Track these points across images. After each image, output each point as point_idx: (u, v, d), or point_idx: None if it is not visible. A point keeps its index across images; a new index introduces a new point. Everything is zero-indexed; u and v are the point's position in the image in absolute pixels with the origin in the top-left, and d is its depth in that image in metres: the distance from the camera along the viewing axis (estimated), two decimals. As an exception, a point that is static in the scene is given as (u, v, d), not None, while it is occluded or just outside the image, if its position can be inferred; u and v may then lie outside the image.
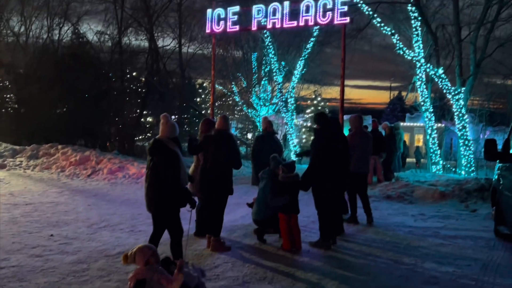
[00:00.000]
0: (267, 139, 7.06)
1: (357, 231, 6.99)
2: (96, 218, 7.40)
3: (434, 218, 8.24)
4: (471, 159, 14.20)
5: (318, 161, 5.92)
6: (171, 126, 4.83)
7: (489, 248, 6.23)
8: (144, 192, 4.74)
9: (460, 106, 14.13)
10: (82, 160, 13.89)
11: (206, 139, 5.83)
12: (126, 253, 3.68)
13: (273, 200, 5.83)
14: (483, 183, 10.26)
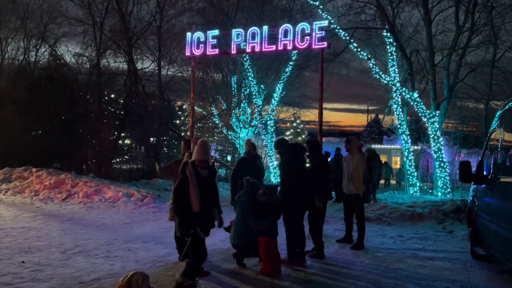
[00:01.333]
0: (250, 162, 7.02)
1: (337, 254, 6.97)
2: (70, 243, 7.17)
3: (412, 239, 8.30)
4: (447, 181, 14.46)
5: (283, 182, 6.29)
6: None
7: (466, 269, 6.28)
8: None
9: (435, 129, 14.45)
10: (57, 183, 13.56)
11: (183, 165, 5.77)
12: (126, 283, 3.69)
13: (257, 223, 5.77)
14: (459, 205, 10.44)
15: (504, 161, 5.73)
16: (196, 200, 4.64)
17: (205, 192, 4.72)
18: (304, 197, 6.25)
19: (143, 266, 5.95)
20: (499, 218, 5.45)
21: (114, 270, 5.71)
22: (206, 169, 4.81)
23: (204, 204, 4.68)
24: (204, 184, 4.73)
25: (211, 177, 4.90)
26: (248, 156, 7.11)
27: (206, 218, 4.75)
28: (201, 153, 4.79)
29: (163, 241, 7.60)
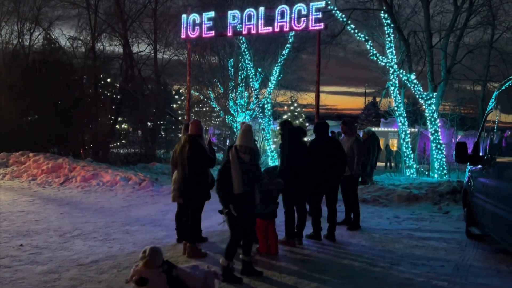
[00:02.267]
0: None
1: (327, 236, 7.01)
2: (68, 226, 7.21)
3: (408, 220, 8.37)
4: (443, 163, 14.52)
5: (282, 164, 6.29)
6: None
7: (461, 248, 6.36)
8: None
9: (432, 110, 14.45)
10: (54, 168, 13.55)
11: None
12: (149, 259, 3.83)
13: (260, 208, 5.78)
14: (455, 186, 10.50)
15: (500, 142, 5.74)
16: (237, 182, 4.82)
17: (246, 176, 4.87)
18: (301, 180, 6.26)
19: (142, 248, 5.89)
20: (494, 198, 5.50)
21: (112, 252, 5.76)
22: (248, 154, 4.96)
23: (245, 186, 4.84)
24: (246, 168, 4.90)
25: (253, 161, 5.09)
26: None
27: (246, 200, 4.90)
28: (243, 138, 4.94)
29: (161, 223, 7.64)
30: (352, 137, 7.59)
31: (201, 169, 5.65)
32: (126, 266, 5.14)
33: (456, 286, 4.75)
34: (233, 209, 4.79)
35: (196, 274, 4.05)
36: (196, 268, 4.16)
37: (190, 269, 4.14)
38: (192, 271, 4.11)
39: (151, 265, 3.82)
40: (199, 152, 5.56)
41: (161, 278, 3.78)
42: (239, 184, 4.81)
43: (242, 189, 4.82)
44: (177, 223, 6.30)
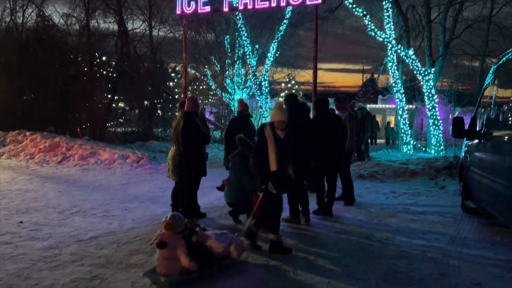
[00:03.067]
0: (242, 122, 6.99)
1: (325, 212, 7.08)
2: (67, 204, 7.25)
3: (404, 195, 8.45)
4: (440, 138, 14.57)
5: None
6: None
7: (456, 222, 6.44)
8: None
9: (430, 86, 14.41)
10: (52, 146, 13.54)
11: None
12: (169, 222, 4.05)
13: (251, 183, 5.80)
14: (452, 161, 10.57)
15: (497, 116, 5.75)
16: (274, 160, 4.82)
17: (282, 152, 4.89)
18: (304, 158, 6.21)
19: (141, 224, 6.06)
20: (490, 172, 5.54)
21: (111, 228, 5.81)
22: (284, 131, 4.96)
23: (281, 163, 4.86)
24: (281, 144, 4.90)
25: (288, 138, 5.05)
26: (241, 116, 7.07)
27: (281, 176, 4.92)
28: (280, 114, 4.93)
29: (159, 200, 7.70)
30: (346, 112, 7.57)
31: (196, 145, 5.65)
32: (126, 242, 5.20)
33: (451, 258, 4.83)
34: (271, 187, 4.83)
35: (220, 240, 4.30)
36: (223, 235, 4.42)
37: (217, 235, 4.38)
38: (218, 237, 4.36)
39: (169, 227, 4.03)
40: (194, 128, 5.56)
41: (179, 242, 4.00)
42: (276, 162, 4.83)
43: (279, 166, 4.84)
44: (173, 200, 6.34)
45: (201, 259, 4.10)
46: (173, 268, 3.96)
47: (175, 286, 3.93)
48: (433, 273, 4.35)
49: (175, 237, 4.03)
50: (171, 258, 3.96)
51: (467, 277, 4.24)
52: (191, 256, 4.00)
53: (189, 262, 3.97)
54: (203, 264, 4.09)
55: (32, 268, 4.30)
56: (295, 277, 4.18)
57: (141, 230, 5.73)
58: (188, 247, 4.04)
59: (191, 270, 4.00)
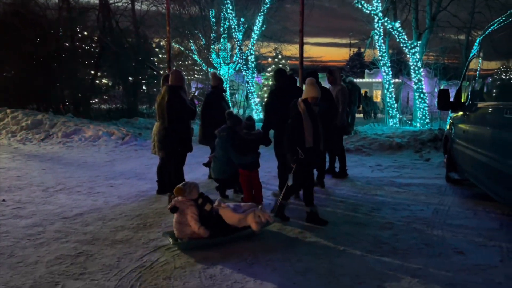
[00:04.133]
0: (218, 96, 6.87)
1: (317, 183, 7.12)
2: (51, 181, 7.15)
3: (390, 168, 8.53)
4: (426, 112, 14.66)
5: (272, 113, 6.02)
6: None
7: (441, 193, 6.53)
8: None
9: (416, 59, 14.39)
10: (34, 124, 13.29)
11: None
12: (180, 187, 4.35)
13: (238, 158, 5.77)
14: (437, 134, 10.67)
15: (481, 88, 5.76)
16: (310, 136, 4.84)
17: (317, 128, 4.91)
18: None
19: (126, 200, 6.01)
20: (474, 143, 5.59)
21: (97, 205, 5.76)
22: (317, 106, 5.01)
23: (316, 139, 4.89)
24: (316, 120, 4.92)
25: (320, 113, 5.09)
26: (216, 91, 6.92)
27: (316, 152, 4.96)
28: (314, 90, 4.94)
29: (145, 177, 7.64)
30: (338, 86, 7.51)
31: (182, 120, 5.56)
32: (111, 218, 5.16)
33: (435, 228, 4.90)
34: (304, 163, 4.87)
35: (237, 211, 4.44)
36: (241, 207, 4.55)
37: (235, 206, 4.54)
38: (235, 207, 4.51)
39: (178, 192, 4.32)
40: (179, 103, 5.46)
41: (190, 208, 4.26)
42: (311, 138, 4.85)
43: (314, 143, 4.88)
44: (159, 176, 6.31)
45: (214, 227, 4.31)
46: (184, 232, 4.24)
47: (182, 248, 4.15)
48: (418, 243, 4.41)
49: (186, 203, 4.30)
50: (182, 223, 4.25)
51: (450, 246, 4.31)
52: (203, 223, 4.25)
53: (198, 227, 4.20)
54: (216, 232, 4.30)
55: (15, 246, 4.24)
56: (281, 249, 4.19)
57: (126, 207, 5.68)
58: (201, 215, 4.28)
59: (202, 237, 4.23)
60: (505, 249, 4.26)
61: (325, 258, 3.99)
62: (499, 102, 4.88)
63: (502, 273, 3.70)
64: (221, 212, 4.45)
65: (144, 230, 4.76)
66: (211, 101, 6.74)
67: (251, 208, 4.52)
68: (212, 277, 3.54)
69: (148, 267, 3.73)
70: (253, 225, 4.40)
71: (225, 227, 4.42)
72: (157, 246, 4.26)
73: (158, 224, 4.97)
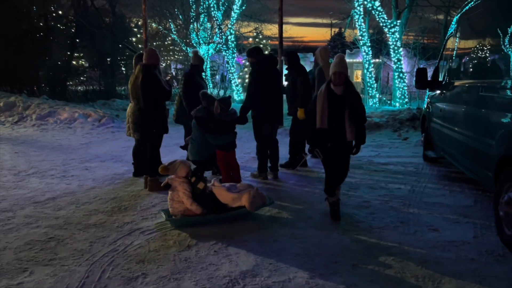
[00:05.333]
0: (198, 76, 6.71)
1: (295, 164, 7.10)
2: (23, 165, 6.95)
3: (368, 147, 8.55)
4: (405, 91, 14.75)
5: (255, 94, 5.92)
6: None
7: (418, 172, 6.59)
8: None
9: (395, 39, 14.38)
10: (7, 106, 12.88)
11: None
12: (165, 165, 4.46)
13: (215, 139, 5.67)
14: (415, 113, 10.75)
15: (459, 66, 5.76)
16: (320, 116, 4.30)
17: (335, 111, 4.30)
18: (277, 112, 6.14)
19: (101, 183, 5.88)
20: (450, 122, 5.62)
21: (70, 189, 5.61)
22: (342, 86, 4.32)
23: (332, 122, 4.30)
24: (337, 101, 4.29)
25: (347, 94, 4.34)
26: (195, 71, 6.75)
27: (333, 136, 4.37)
28: (336, 64, 4.29)
29: (122, 159, 7.49)
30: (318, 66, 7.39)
31: (157, 101, 5.42)
32: (85, 202, 5.04)
33: (411, 206, 4.94)
34: (318, 152, 4.49)
35: (230, 190, 4.44)
36: (235, 186, 4.56)
37: (230, 186, 4.55)
38: (230, 187, 4.51)
39: (163, 170, 4.43)
40: (154, 82, 5.30)
41: (182, 185, 4.33)
42: (322, 119, 4.30)
43: (328, 125, 4.31)
44: (135, 158, 6.19)
45: (207, 205, 4.36)
46: (177, 209, 4.32)
47: (175, 225, 4.24)
48: (394, 221, 4.44)
49: (178, 180, 4.37)
50: (175, 199, 4.32)
51: (426, 224, 4.35)
52: (196, 201, 4.32)
53: (191, 203, 4.28)
54: (209, 211, 4.36)
55: (-17, 232, 4.11)
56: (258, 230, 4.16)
57: (101, 190, 5.56)
58: (194, 192, 4.34)
59: (195, 213, 4.31)
60: (479, 225, 4.32)
61: (301, 238, 3.97)
62: (475, 80, 4.89)
63: (475, 248, 3.75)
64: (214, 190, 4.45)
65: (119, 213, 4.66)
66: (192, 80, 6.59)
67: (247, 189, 4.50)
68: (187, 260, 3.49)
69: (122, 251, 3.65)
70: (247, 205, 4.36)
71: (219, 205, 4.43)
72: (131, 229, 4.17)
73: (133, 207, 4.87)
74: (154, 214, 4.63)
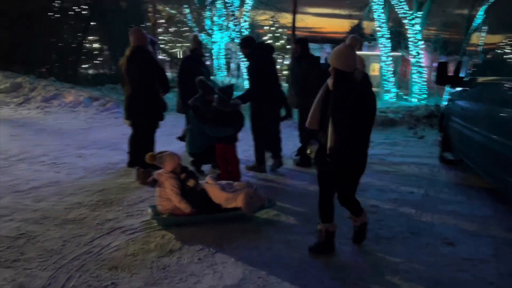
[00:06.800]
0: (196, 61, 6.27)
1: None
2: (16, 150, 6.64)
3: (381, 145, 8.06)
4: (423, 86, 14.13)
5: (252, 88, 5.65)
6: None
7: (433, 174, 6.09)
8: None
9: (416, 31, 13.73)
10: (13, 87, 12.67)
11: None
12: (153, 154, 4.07)
13: (213, 130, 5.26)
14: (433, 110, 10.20)
15: (485, 62, 5.23)
16: (312, 115, 3.42)
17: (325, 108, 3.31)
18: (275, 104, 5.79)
19: (91, 173, 5.54)
20: (472, 122, 5.11)
21: (58, 178, 5.27)
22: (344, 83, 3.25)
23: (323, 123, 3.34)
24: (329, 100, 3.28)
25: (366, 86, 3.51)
26: (194, 54, 6.33)
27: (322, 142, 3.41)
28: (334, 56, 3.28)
29: (119, 147, 7.13)
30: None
31: (150, 85, 5.01)
32: (70, 193, 4.69)
33: (424, 214, 4.47)
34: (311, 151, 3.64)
35: (224, 189, 4.01)
36: (231, 185, 4.13)
37: (225, 184, 4.13)
38: (224, 186, 4.09)
39: (149, 159, 4.01)
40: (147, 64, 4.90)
41: (169, 181, 3.90)
42: (313, 118, 3.42)
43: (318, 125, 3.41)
44: (130, 146, 5.78)
45: (198, 204, 3.95)
46: (165, 207, 3.95)
47: (161, 224, 3.89)
48: (403, 231, 3.99)
49: (165, 175, 3.96)
50: (162, 196, 3.94)
51: (439, 236, 3.89)
52: (186, 198, 3.91)
53: (179, 201, 3.88)
54: (200, 210, 3.95)
55: (-47, 223, 3.78)
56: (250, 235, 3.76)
57: (89, 180, 5.21)
58: (184, 189, 3.94)
59: (184, 212, 3.92)
60: (499, 240, 3.84)
61: (296, 246, 3.55)
62: (503, 78, 4.36)
63: (495, 269, 3.29)
64: (207, 188, 4.03)
65: (103, 208, 4.30)
66: (189, 67, 6.16)
67: (244, 188, 4.05)
68: (166, 268, 3.10)
69: (96, 253, 3.28)
70: (243, 206, 3.93)
71: (211, 205, 4.00)
72: (112, 227, 3.80)
73: (119, 201, 4.50)
74: (140, 211, 4.25)
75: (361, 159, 3.48)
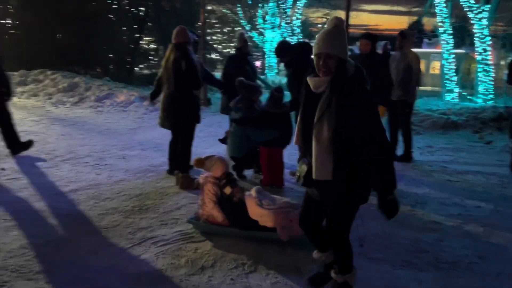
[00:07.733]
0: (241, 60, 5.93)
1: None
2: (63, 149, 6.66)
3: (442, 150, 7.37)
4: (490, 86, 13.00)
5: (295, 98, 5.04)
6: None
7: (503, 185, 5.40)
8: None
9: (482, 26, 12.64)
10: (71, 86, 13.04)
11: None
12: (201, 158, 3.88)
13: (257, 134, 4.94)
14: (502, 112, 9.25)
15: None
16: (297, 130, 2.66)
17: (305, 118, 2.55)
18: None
19: (132, 176, 5.38)
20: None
21: (98, 180, 5.16)
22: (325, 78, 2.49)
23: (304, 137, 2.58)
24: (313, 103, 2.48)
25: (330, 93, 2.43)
26: (239, 54, 6.01)
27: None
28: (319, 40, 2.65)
29: (164, 148, 6.88)
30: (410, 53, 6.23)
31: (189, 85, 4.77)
32: (107, 197, 4.54)
33: (493, 234, 3.89)
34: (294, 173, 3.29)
35: (261, 205, 3.56)
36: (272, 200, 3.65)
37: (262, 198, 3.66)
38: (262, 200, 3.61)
39: (198, 163, 3.88)
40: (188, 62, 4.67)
41: (207, 185, 3.74)
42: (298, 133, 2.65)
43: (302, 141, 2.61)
44: (169, 152, 5.50)
45: (231, 215, 3.67)
46: (203, 212, 3.76)
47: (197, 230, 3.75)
48: (469, 255, 3.45)
49: (207, 178, 3.81)
50: (203, 200, 3.78)
51: (514, 263, 3.32)
52: (222, 207, 3.70)
53: (212, 207, 3.69)
54: (234, 222, 3.65)
55: (-12, 226, 3.72)
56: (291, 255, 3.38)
57: (129, 184, 5.05)
58: (222, 197, 3.73)
59: (217, 221, 3.69)
60: None
61: (343, 270, 3.13)
62: None
63: None
64: (246, 200, 3.63)
65: (138, 214, 4.09)
66: (233, 66, 5.86)
67: (286, 208, 3.51)
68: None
69: (122, 267, 3.05)
70: (279, 230, 3.42)
71: (246, 219, 3.56)
72: (144, 237, 3.58)
73: (155, 208, 4.29)
74: (175, 219, 4.00)
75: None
